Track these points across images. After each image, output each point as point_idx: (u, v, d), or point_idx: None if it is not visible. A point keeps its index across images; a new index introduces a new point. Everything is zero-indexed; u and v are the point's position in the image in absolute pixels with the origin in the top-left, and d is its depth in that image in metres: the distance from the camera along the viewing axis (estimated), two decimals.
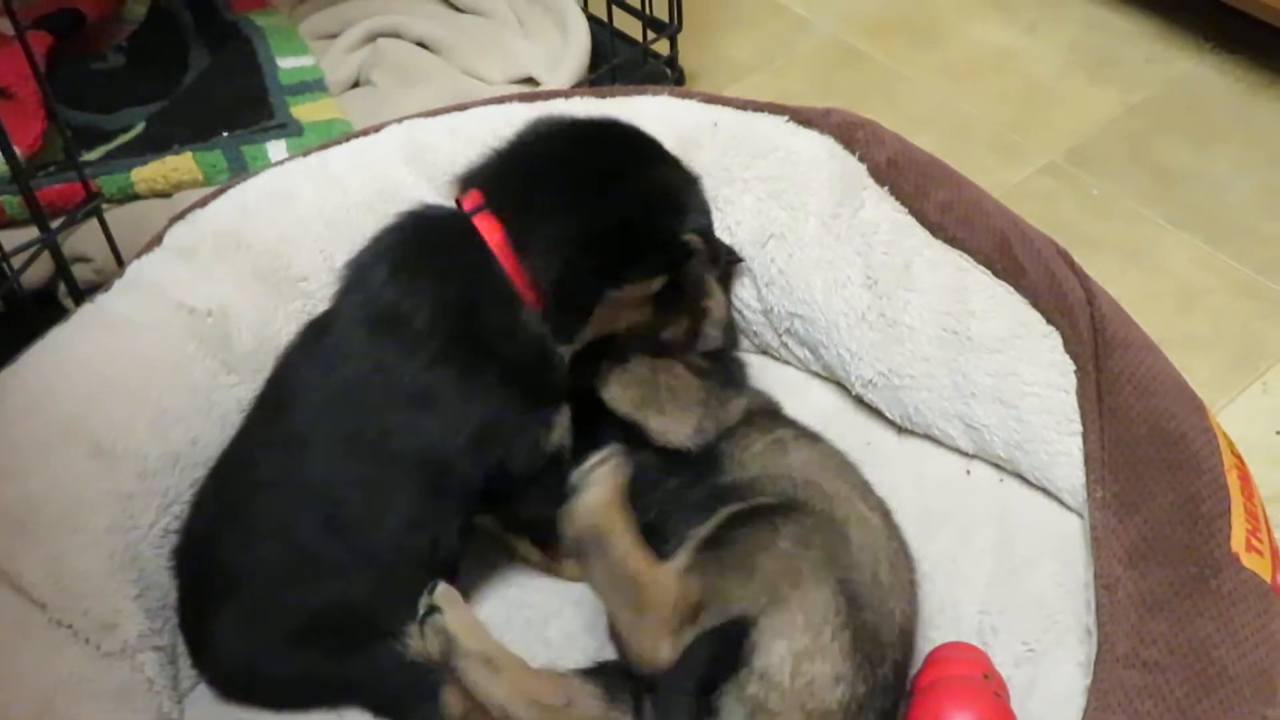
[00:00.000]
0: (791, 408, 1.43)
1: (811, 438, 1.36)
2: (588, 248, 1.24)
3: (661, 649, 1.12)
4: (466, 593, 1.39)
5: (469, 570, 1.41)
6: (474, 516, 1.33)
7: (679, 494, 1.30)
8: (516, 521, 1.39)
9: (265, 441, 1.30)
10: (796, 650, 1.09)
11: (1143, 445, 1.25)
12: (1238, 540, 1.18)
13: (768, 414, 1.40)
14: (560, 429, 1.28)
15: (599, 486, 1.14)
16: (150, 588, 1.28)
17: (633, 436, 1.33)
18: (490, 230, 1.25)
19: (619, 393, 1.34)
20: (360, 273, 1.29)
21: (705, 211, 1.37)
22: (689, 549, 1.15)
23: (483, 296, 1.24)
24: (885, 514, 1.28)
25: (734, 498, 1.22)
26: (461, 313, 1.23)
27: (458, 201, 1.29)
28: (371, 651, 1.25)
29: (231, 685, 1.30)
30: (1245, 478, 1.25)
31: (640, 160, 1.32)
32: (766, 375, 1.54)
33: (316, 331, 1.32)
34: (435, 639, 1.18)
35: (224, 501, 1.30)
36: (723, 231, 1.54)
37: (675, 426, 1.34)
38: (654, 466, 1.32)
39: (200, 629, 1.29)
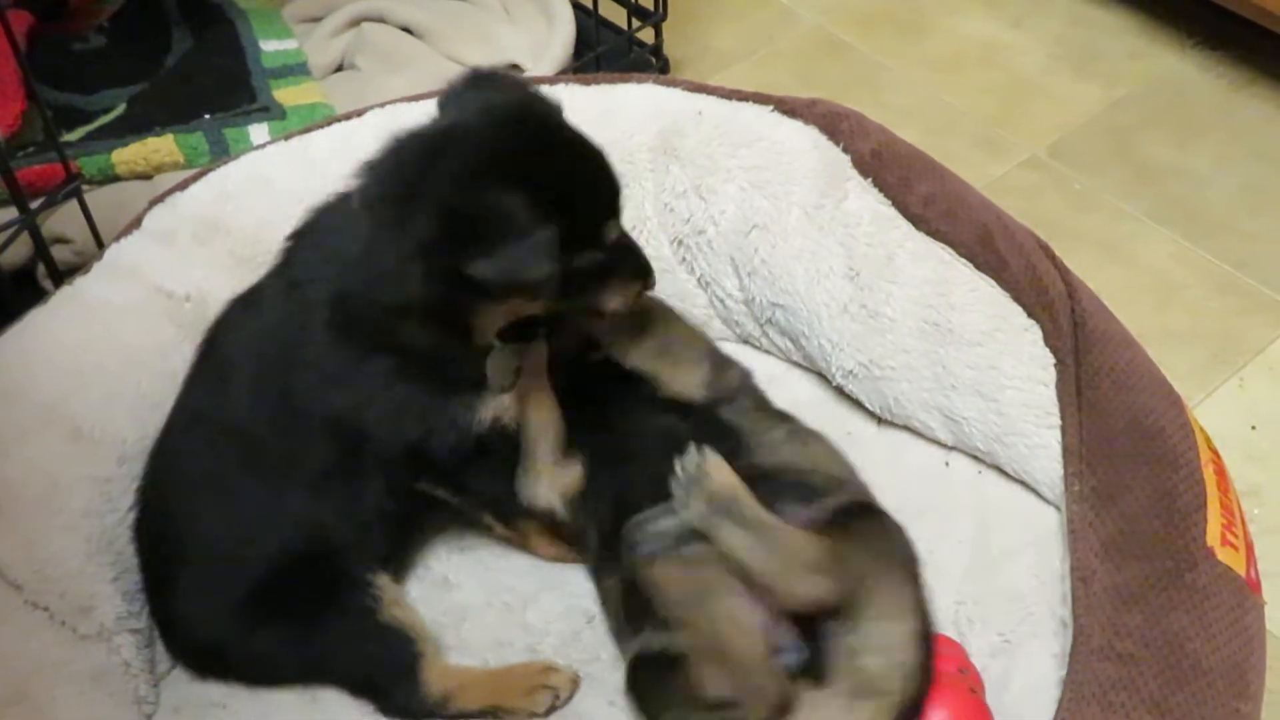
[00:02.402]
0: (773, 397, 1.43)
1: (812, 430, 1.38)
2: (440, 266, 1.13)
3: (818, 583, 1.14)
4: (446, 576, 1.39)
5: (448, 555, 1.41)
6: (416, 483, 1.31)
7: None
8: (476, 498, 1.36)
9: (195, 379, 1.31)
10: (905, 631, 1.15)
11: (1121, 439, 1.26)
12: (1213, 534, 1.18)
13: (759, 396, 1.41)
14: (488, 409, 1.25)
15: (715, 461, 1.16)
16: (127, 571, 1.28)
17: (640, 398, 1.33)
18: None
19: (631, 346, 1.34)
20: (293, 242, 1.28)
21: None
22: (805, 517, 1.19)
23: (371, 290, 1.18)
24: None
25: (784, 483, 1.24)
26: (355, 303, 1.20)
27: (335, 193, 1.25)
28: (337, 614, 1.26)
29: (200, 661, 1.30)
30: (1221, 472, 1.26)
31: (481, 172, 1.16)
32: (747, 365, 1.54)
33: (256, 286, 1.32)
34: (700, 503, 1.15)
35: (165, 451, 1.30)
36: (706, 221, 1.54)
37: (687, 377, 1.35)
38: (676, 436, 1.28)
39: (161, 604, 1.29)
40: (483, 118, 1.18)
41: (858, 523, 1.21)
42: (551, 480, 1.31)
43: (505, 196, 1.10)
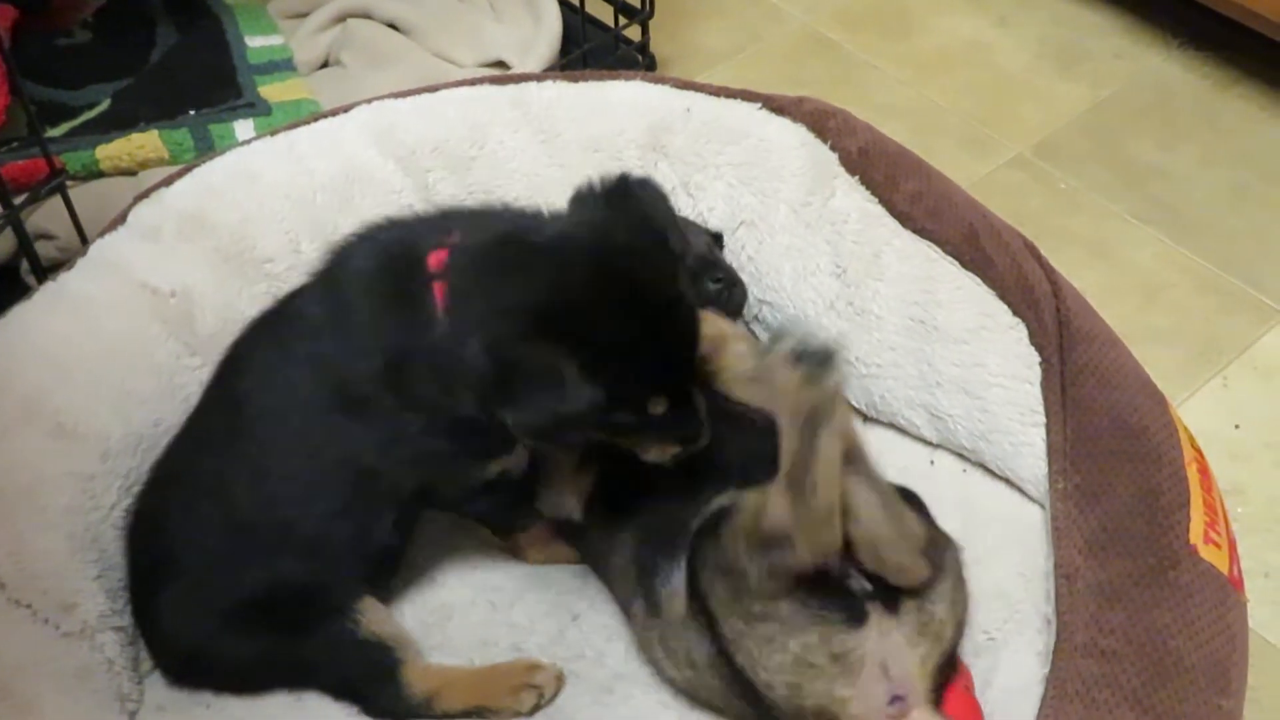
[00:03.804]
0: None
1: None
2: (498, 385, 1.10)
3: (922, 564, 1.17)
4: (432, 575, 1.39)
5: (434, 554, 1.41)
6: (419, 512, 1.33)
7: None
8: (477, 518, 1.38)
9: (211, 404, 1.30)
10: (964, 592, 1.24)
11: (1105, 437, 1.26)
12: (1196, 532, 1.19)
13: None
14: (502, 465, 1.24)
15: (843, 410, 1.12)
16: (111, 568, 1.28)
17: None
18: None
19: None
20: (339, 267, 1.24)
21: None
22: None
23: (423, 359, 1.16)
24: None
25: None
26: (406, 367, 1.18)
27: (427, 251, 1.17)
28: (319, 634, 1.25)
29: (183, 669, 1.30)
30: (1205, 471, 1.26)
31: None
32: None
33: (283, 304, 1.31)
34: (813, 394, 1.09)
35: (169, 468, 1.30)
36: (694, 218, 1.54)
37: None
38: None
39: (148, 610, 1.29)
40: (585, 250, 1.13)
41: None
42: (574, 489, 1.33)
43: (558, 352, 1.06)
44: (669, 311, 1.14)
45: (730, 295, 1.44)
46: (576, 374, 1.06)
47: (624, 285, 1.11)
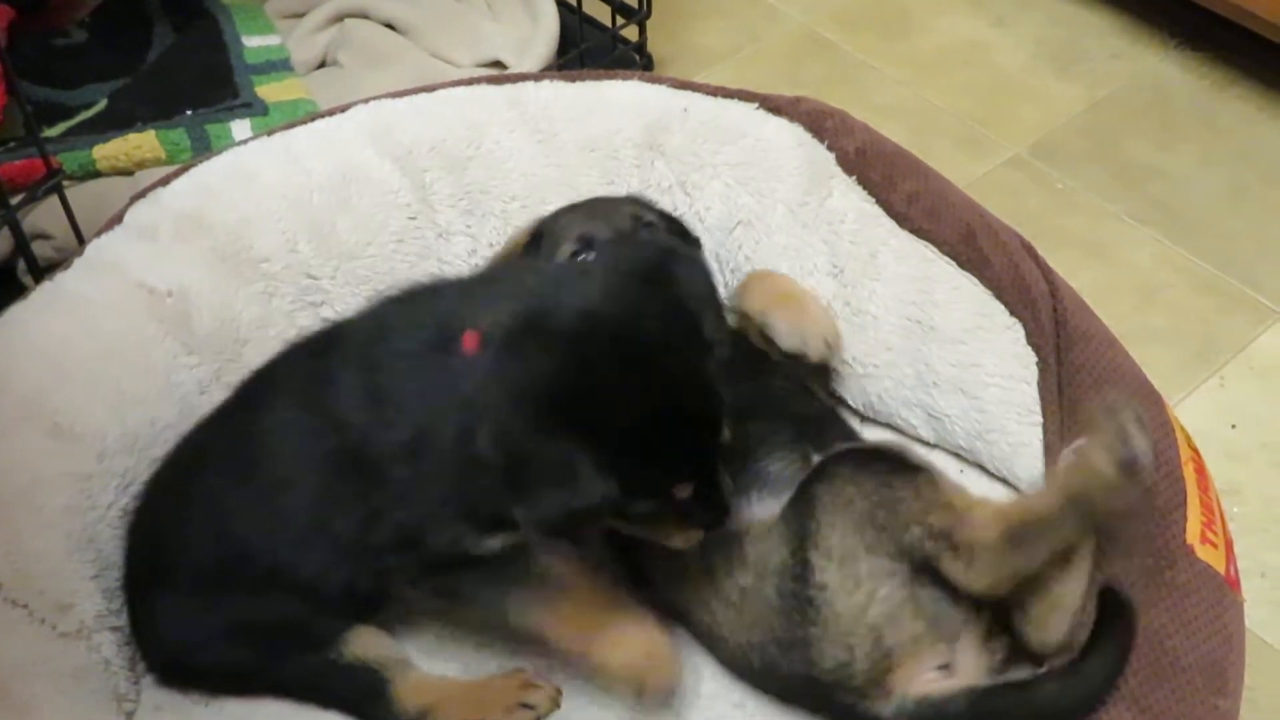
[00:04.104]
0: None
1: None
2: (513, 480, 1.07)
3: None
4: None
5: None
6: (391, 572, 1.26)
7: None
8: (459, 601, 1.29)
9: (228, 424, 1.30)
10: None
11: None
12: (1193, 532, 1.19)
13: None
14: (501, 542, 1.18)
15: None
16: (108, 568, 1.27)
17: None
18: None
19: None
20: (377, 335, 1.21)
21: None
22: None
23: (447, 439, 1.12)
24: None
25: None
26: (435, 441, 1.14)
27: (463, 329, 1.13)
28: (305, 660, 1.25)
29: (172, 671, 1.29)
30: (1201, 471, 1.26)
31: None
32: None
33: (322, 344, 1.28)
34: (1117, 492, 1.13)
35: (176, 472, 1.30)
36: (691, 217, 1.54)
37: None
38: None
39: (141, 608, 1.28)
40: (609, 337, 1.07)
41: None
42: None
43: (572, 445, 1.02)
44: (693, 400, 1.09)
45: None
46: (591, 467, 1.02)
47: (647, 375, 1.06)
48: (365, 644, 1.26)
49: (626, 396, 1.05)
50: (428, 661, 1.32)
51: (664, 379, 1.07)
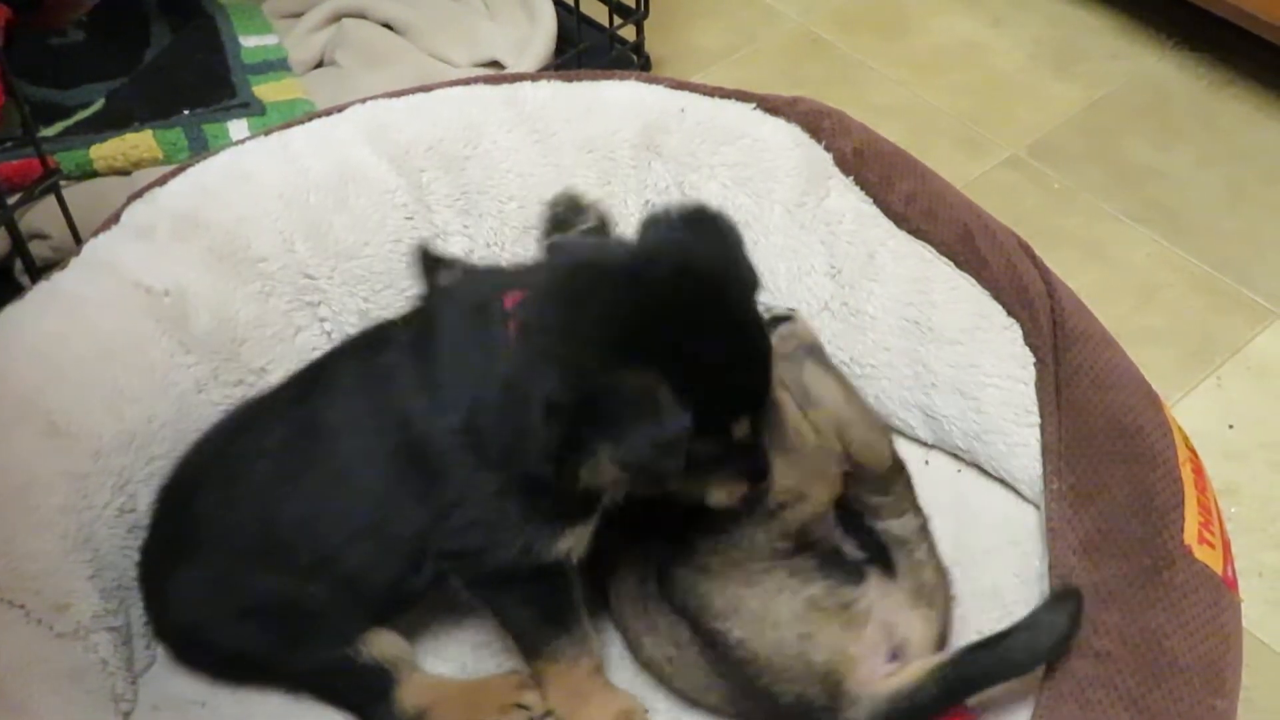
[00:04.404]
0: None
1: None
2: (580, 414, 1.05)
3: (885, 440, 1.25)
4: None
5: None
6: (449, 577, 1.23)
7: None
8: (510, 624, 1.25)
9: (282, 410, 1.29)
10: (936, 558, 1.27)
11: (1099, 438, 1.26)
12: (1190, 533, 1.19)
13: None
14: (572, 541, 1.16)
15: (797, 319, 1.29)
16: (105, 568, 1.27)
17: None
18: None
19: None
20: (430, 323, 1.21)
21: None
22: None
23: (495, 404, 1.12)
24: None
25: None
26: (483, 419, 1.13)
27: (500, 296, 1.14)
28: (320, 654, 1.25)
29: (179, 644, 1.30)
30: (1199, 471, 1.26)
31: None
32: None
33: (378, 340, 1.27)
34: (791, 342, 1.26)
35: (220, 448, 1.29)
36: None
37: None
38: None
39: (157, 578, 1.28)
40: (659, 273, 1.07)
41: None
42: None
43: (650, 375, 1.00)
44: (750, 332, 1.10)
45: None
46: (671, 396, 1.00)
47: (710, 304, 1.07)
48: (383, 644, 1.26)
49: (694, 326, 1.05)
50: (426, 660, 1.32)
51: (727, 310, 1.08)
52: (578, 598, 1.22)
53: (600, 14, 2.12)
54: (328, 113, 1.58)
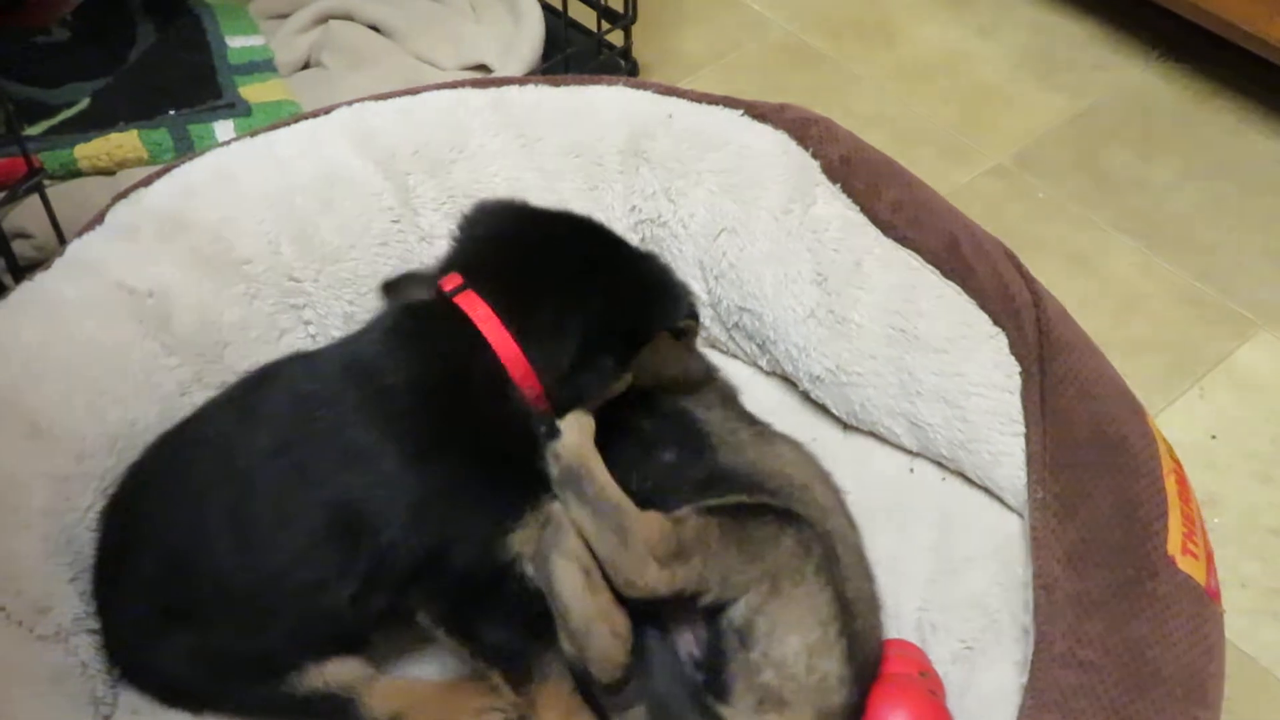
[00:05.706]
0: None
1: (784, 436, 1.37)
2: (600, 337, 1.21)
3: (648, 571, 1.10)
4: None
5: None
6: (410, 605, 1.21)
7: (677, 470, 1.27)
8: (485, 650, 1.22)
9: (219, 406, 1.28)
10: (810, 645, 1.12)
11: (1084, 447, 1.26)
12: (1174, 543, 1.19)
13: (728, 393, 1.40)
14: (526, 532, 1.16)
15: (571, 428, 1.17)
16: (86, 570, 1.26)
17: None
18: (477, 311, 1.18)
19: None
20: (356, 334, 1.27)
21: (688, 291, 1.37)
22: (690, 508, 1.15)
23: (470, 375, 1.17)
24: (857, 530, 1.30)
25: (736, 484, 1.23)
26: (444, 389, 1.17)
27: (438, 286, 1.22)
28: (263, 691, 1.23)
29: (130, 674, 1.27)
30: (1183, 481, 1.27)
31: (622, 249, 1.31)
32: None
33: (316, 355, 1.28)
34: (554, 471, 1.15)
35: (160, 457, 1.28)
36: (675, 224, 1.54)
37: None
38: (644, 433, 1.29)
39: (106, 602, 1.26)
40: (564, 220, 1.32)
41: (754, 524, 1.15)
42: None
43: (652, 261, 1.34)
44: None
45: None
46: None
47: (602, 234, 1.33)
48: (334, 670, 1.23)
49: (632, 259, 1.30)
50: (404, 663, 1.31)
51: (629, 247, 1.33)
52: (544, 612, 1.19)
53: (588, 19, 2.12)
54: (314, 114, 1.57)
